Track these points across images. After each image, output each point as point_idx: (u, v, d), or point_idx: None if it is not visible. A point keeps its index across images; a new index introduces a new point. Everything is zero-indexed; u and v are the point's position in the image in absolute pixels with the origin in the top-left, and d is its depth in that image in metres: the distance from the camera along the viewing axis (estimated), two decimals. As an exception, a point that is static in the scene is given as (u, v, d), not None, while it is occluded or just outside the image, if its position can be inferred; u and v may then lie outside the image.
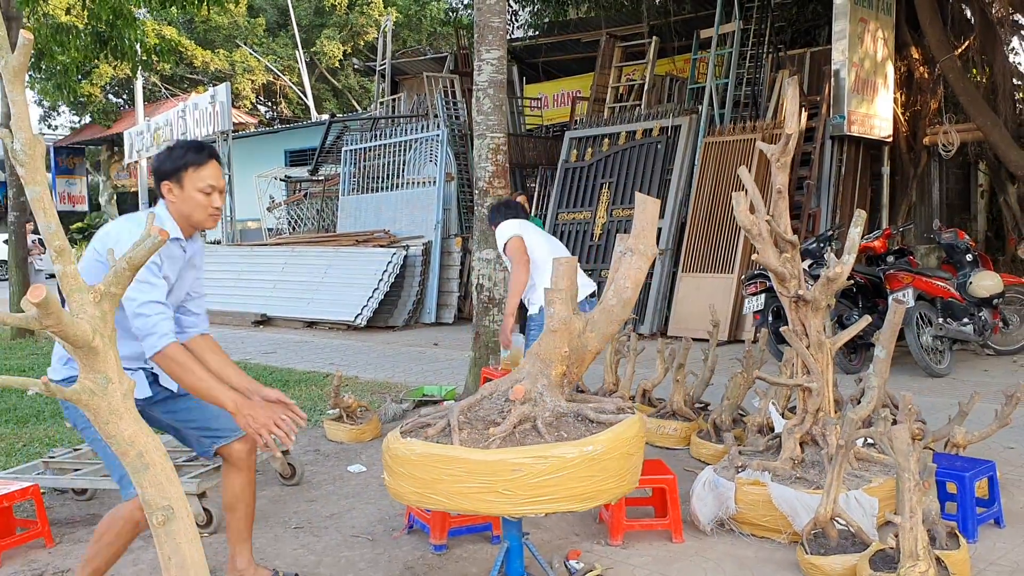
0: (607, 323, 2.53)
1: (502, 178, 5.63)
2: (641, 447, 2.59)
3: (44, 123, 29.54)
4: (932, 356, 6.86)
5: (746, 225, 3.68)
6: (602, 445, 2.42)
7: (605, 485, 2.44)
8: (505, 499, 2.37)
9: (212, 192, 2.75)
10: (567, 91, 14.79)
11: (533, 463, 2.36)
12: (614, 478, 2.46)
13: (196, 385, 2.54)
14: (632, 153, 10.49)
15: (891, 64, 10.28)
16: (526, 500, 2.38)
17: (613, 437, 2.45)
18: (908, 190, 11.02)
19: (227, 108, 16.39)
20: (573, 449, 2.40)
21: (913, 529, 2.60)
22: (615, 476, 2.46)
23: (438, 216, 11.85)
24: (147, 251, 2.16)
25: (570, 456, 2.38)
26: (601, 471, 2.42)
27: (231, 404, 2.54)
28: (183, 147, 2.77)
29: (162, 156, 2.78)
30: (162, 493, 2.20)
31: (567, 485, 2.38)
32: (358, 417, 5.30)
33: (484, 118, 5.57)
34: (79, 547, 3.59)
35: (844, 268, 3.66)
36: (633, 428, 2.52)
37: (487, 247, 5.68)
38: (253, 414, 2.54)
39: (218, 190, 2.77)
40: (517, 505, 2.39)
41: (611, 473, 2.44)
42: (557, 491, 2.38)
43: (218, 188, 2.77)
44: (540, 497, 2.38)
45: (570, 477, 2.38)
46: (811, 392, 3.77)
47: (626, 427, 2.50)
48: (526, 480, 2.35)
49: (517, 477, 2.35)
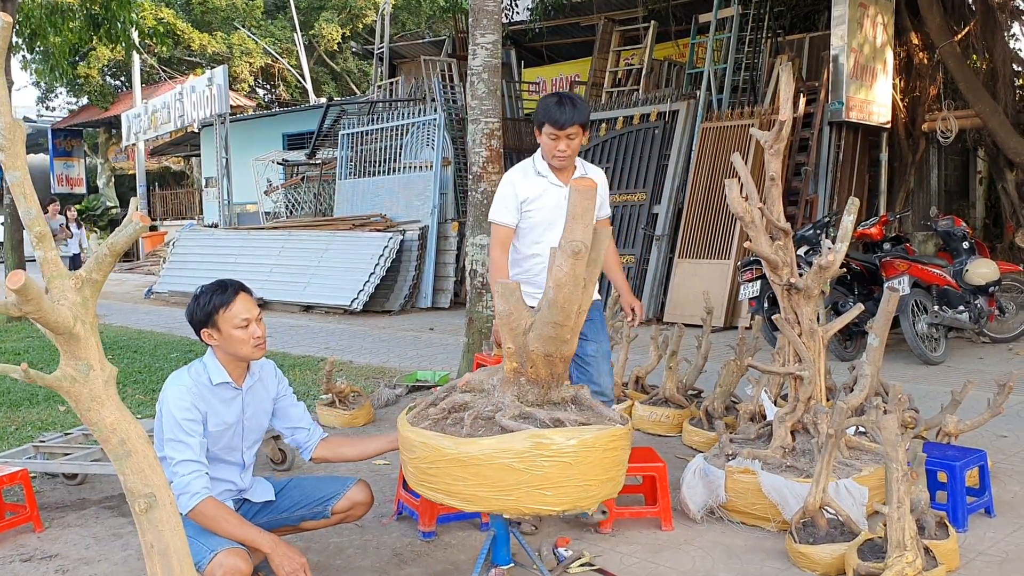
0: (543, 326, 2.46)
1: (496, 163, 5.60)
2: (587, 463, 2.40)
3: (42, 104, 29.38)
4: (927, 344, 6.85)
5: (739, 212, 3.66)
6: (490, 448, 2.36)
7: (480, 492, 2.39)
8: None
9: (248, 324, 2.76)
10: (566, 75, 14.70)
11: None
12: (488, 486, 2.37)
13: (232, 533, 2.62)
14: (630, 138, 10.44)
15: (890, 50, 10.21)
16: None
17: (507, 446, 2.35)
18: (906, 177, 10.97)
19: (224, 91, 16.31)
20: (451, 444, 2.40)
21: (901, 519, 2.60)
22: (489, 484, 2.37)
23: (435, 201, 11.81)
24: (128, 236, 2.14)
25: (447, 449, 2.40)
26: (475, 475, 2.37)
27: (268, 546, 2.62)
28: (208, 292, 2.78)
29: (192, 307, 2.80)
30: (144, 480, 2.19)
31: (443, 480, 2.44)
32: (351, 402, 5.29)
33: (479, 103, 5.53)
34: (68, 532, 3.59)
35: (836, 256, 3.64)
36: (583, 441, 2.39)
37: (481, 232, 5.65)
38: (287, 558, 2.60)
39: (254, 320, 2.78)
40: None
41: (486, 480, 2.36)
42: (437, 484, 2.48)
43: (253, 318, 2.77)
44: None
45: (445, 473, 2.43)
46: (802, 380, 3.76)
47: (562, 438, 2.36)
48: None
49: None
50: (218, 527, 2.62)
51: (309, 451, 3.03)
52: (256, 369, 2.93)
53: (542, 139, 3.48)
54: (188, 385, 2.75)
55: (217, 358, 2.82)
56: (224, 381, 2.81)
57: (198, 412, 2.73)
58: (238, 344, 2.76)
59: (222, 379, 2.81)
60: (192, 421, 2.71)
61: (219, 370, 2.81)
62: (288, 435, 3.05)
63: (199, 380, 2.78)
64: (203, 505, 2.63)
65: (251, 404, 2.91)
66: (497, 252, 3.58)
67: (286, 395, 3.05)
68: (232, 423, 2.85)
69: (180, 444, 2.68)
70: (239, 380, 2.86)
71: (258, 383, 2.94)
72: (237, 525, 2.65)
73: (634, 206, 10.17)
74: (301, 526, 3.03)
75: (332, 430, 5.16)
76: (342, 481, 3.03)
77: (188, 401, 2.71)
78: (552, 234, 3.27)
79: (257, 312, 2.81)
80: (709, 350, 5.10)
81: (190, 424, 2.70)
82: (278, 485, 3.07)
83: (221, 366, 2.82)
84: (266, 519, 2.95)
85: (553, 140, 3.42)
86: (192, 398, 2.73)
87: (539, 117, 3.45)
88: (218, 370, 2.81)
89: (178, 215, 25.17)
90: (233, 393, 2.85)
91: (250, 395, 2.91)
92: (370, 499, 3.00)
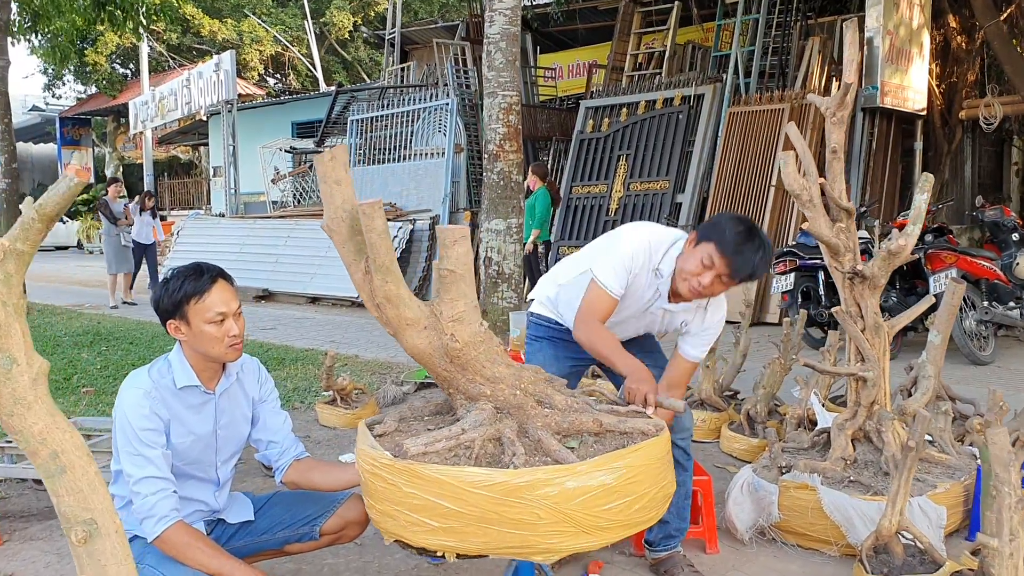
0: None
1: (514, 141, 5.14)
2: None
3: (48, 92, 29.02)
4: (975, 342, 6.36)
5: (795, 189, 3.19)
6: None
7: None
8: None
9: (225, 319, 2.30)
10: (583, 61, 14.22)
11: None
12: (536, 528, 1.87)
13: (206, 565, 2.20)
14: (652, 123, 9.96)
15: (927, 32, 9.69)
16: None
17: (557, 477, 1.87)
18: (940, 167, 10.45)
19: (232, 77, 15.88)
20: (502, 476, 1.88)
21: (1014, 555, 2.13)
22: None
23: (446, 189, 11.35)
24: (60, 197, 1.70)
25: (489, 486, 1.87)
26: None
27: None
28: (180, 276, 2.31)
29: (159, 293, 2.34)
30: (83, 503, 1.75)
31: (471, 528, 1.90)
32: (353, 400, 4.85)
33: (495, 74, 5.06)
34: (29, 547, 3.17)
35: (908, 240, 3.17)
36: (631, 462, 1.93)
37: (496, 217, 5.20)
38: None
39: (232, 314, 2.31)
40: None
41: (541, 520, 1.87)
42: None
43: (231, 312, 2.31)
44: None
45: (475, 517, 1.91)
46: (866, 383, 3.30)
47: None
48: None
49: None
50: (188, 557, 2.18)
51: (281, 471, 2.54)
52: (233, 370, 2.46)
53: (692, 256, 2.53)
54: (147, 388, 2.30)
55: (185, 356, 2.37)
56: (191, 384, 2.36)
57: (159, 420, 2.28)
58: (209, 342, 2.30)
59: (189, 381, 2.35)
60: (152, 431, 2.25)
61: (186, 370, 2.36)
62: (260, 448, 2.58)
63: (161, 382, 2.33)
64: (172, 532, 2.19)
65: (226, 411, 2.46)
66: (597, 324, 2.66)
67: (268, 400, 2.57)
68: (202, 434, 2.40)
69: (139, 458, 2.23)
70: (210, 383, 2.41)
71: (235, 386, 2.48)
72: (211, 555, 2.20)
73: (656, 195, 9.69)
74: (285, 549, 2.57)
75: (332, 431, 4.72)
76: (332, 497, 2.56)
77: (147, 407, 2.26)
78: (620, 330, 2.78)
79: (236, 306, 2.35)
80: (748, 347, 4.64)
81: (149, 435, 2.25)
82: (258, 501, 2.62)
83: (189, 366, 2.36)
84: (244, 542, 2.50)
85: (707, 271, 2.50)
86: (152, 403, 2.28)
87: (713, 236, 2.50)
88: (185, 370, 2.35)
89: (187, 205, 24.84)
90: (203, 398, 2.40)
91: (225, 400, 2.45)
92: (365, 517, 2.50)
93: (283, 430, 2.58)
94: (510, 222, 5.25)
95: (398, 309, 2.01)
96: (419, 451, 1.89)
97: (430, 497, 1.84)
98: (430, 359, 2.05)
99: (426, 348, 2.04)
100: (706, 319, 2.72)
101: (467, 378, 2.04)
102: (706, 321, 2.72)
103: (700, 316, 2.71)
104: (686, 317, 2.71)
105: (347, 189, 2.07)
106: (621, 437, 2.00)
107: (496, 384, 2.03)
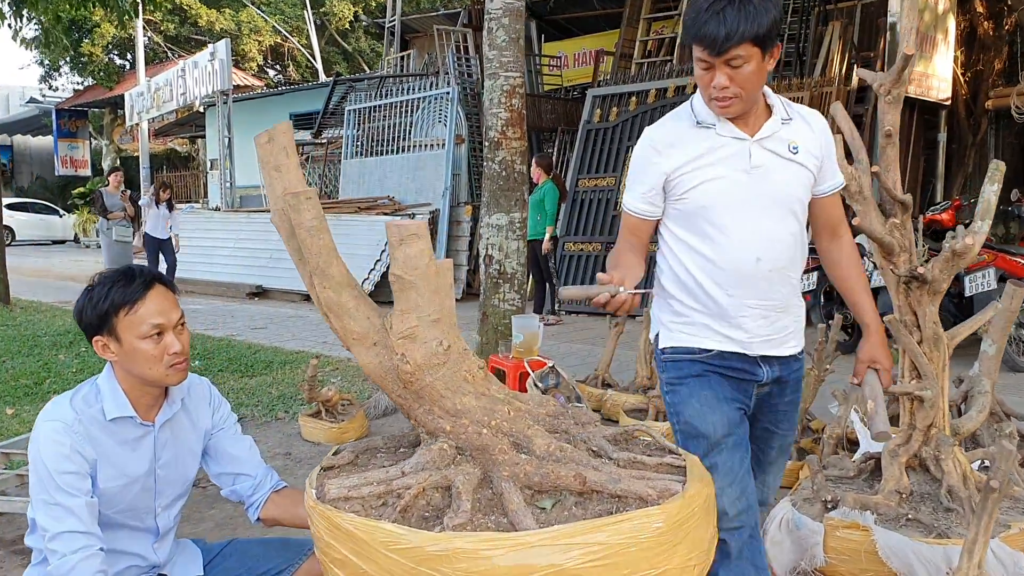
0: None
1: (518, 127, 4.69)
2: None
3: (45, 83, 28.59)
4: (1015, 347, 5.91)
5: (843, 179, 2.73)
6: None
7: None
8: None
9: (163, 333, 1.89)
10: (589, 49, 13.74)
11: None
12: None
13: None
14: (662, 113, 9.46)
15: (953, 18, 9.21)
16: None
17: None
18: (965, 159, 9.98)
19: (227, 66, 15.46)
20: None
21: None
22: None
23: (447, 182, 10.91)
24: None
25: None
26: None
27: None
28: (106, 283, 1.89)
29: (81, 303, 1.92)
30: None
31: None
32: (340, 412, 4.42)
33: (498, 53, 4.61)
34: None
35: (976, 239, 2.71)
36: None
37: (498, 211, 4.76)
38: None
39: (172, 327, 1.91)
40: None
41: None
42: None
43: (171, 325, 1.90)
44: None
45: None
46: (923, 403, 2.85)
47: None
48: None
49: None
50: None
51: (256, 508, 2.11)
52: (178, 395, 2.03)
53: (695, 69, 1.99)
54: (68, 421, 1.86)
55: (117, 380, 1.93)
56: (124, 415, 1.92)
57: (83, 461, 1.85)
58: (144, 362, 1.87)
59: (121, 412, 1.92)
60: (73, 475, 1.82)
61: (118, 398, 1.92)
62: (226, 485, 2.14)
63: (87, 413, 1.89)
64: None
65: (169, 446, 2.02)
66: (620, 243, 2.11)
67: (225, 427, 2.14)
68: (138, 476, 1.96)
69: (57, 509, 1.80)
70: (148, 412, 1.97)
71: (180, 415, 2.04)
72: None
73: (666, 188, 9.24)
74: None
75: (316, 446, 4.29)
76: (299, 546, 2.13)
77: (67, 445, 1.83)
78: (740, 219, 1.97)
79: (178, 316, 1.92)
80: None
81: (70, 479, 1.82)
82: (210, 551, 2.18)
83: (121, 392, 1.92)
84: None
85: (706, 70, 1.92)
86: (74, 440, 1.84)
87: (687, 31, 1.98)
88: (116, 398, 1.92)
89: (183, 199, 24.38)
90: (139, 432, 1.96)
91: (167, 433, 2.01)
92: None
93: (252, 459, 2.15)
94: (513, 216, 4.81)
95: (341, 320, 1.62)
96: (340, 495, 1.54)
97: (346, 552, 1.48)
98: (383, 381, 1.66)
99: (377, 368, 1.64)
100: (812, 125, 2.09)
101: (424, 409, 1.62)
102: (812, 126, 2.09)
103: (796, 130, 2.05)
104: (788, 137, 2.01)
105: (289, 176, 1.65)
106: (611, 501, 1.52)
107: (458, 419, 1.60)
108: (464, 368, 1.64)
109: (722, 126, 1.99)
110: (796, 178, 2.02)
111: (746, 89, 1.90)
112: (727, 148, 1.99)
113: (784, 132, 2.02)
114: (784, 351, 2.11)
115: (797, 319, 2.14)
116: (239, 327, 8.76)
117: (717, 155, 1.99)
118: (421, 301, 1.56)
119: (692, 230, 2.02)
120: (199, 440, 2.09)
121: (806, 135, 2.05)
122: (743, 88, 1.90)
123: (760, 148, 1.99)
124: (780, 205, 2.00)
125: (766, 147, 2.00)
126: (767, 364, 2.08)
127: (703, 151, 1.99)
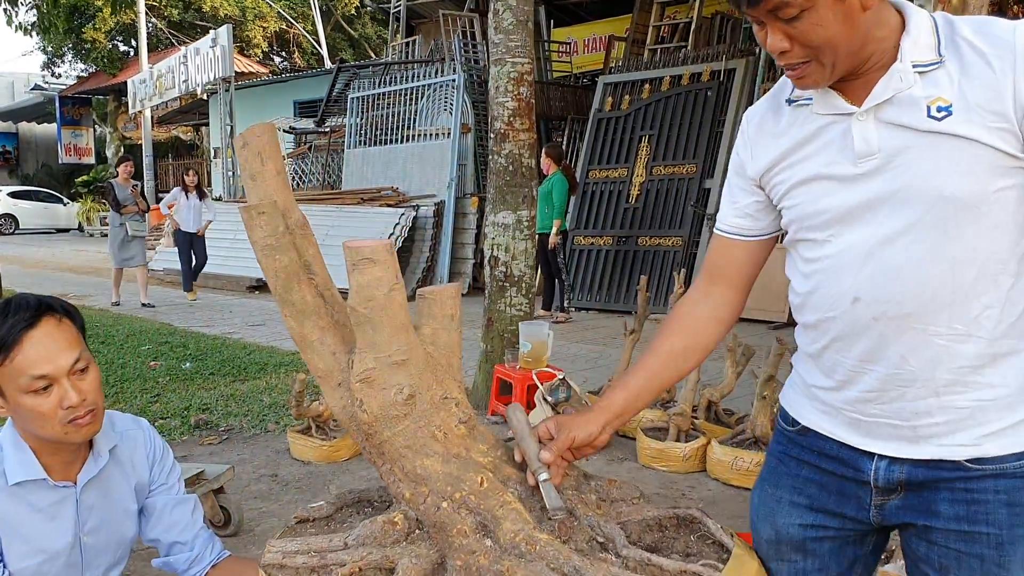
0: None
1: (525, 118, 4.32)
2: None
3: (48, 70, 28.29)
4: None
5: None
6: None
7: None
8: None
9: (51, 385, 1.50)
10: (599, 35, 13.33)
11: None
12: None
13: None
14: (677, 101, 9.10)
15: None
16: None
17: None
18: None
19: (229, 52, 15.14)
20: None
21: None
22: None
23: (452, 172, 10.54)
24: None
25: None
26: None
27: None
28: None
29: None
30: None
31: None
32: (332, 428, 4.07)
33: (504, 38, 4.23)
34: None
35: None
36: None
37: (504, 208, 4.40)
38: None
39: (66, 375, 1.51)
40: None
41: None
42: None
43: (63, 372, 1.50)
44: None
45: None
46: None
47: None
48: None
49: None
50: None
51: None
52: (105, 444, 1.67)
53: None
54: None
55: (20, 436, 1.58)
56: (33, 478, 1.57)
57: None
58: (34, 420, 1.51)
59: (28, 475, 1.56)
60: None
61: (24, 457, 1.56)
62: (161, 551, 1.79)
63: None
64: None
65: (97, 508, 1.67)
66: (689, 291, 1.47)
67: (167, 483, 1.79)
68: (59, 550, 1.61)
69: None
70: (67, 471, 1.62)
71: (111, 468, 1.69)
72: None
73: (682, 180, 8.85)
74: None
75: (306, 466, 3.94)
76: None
77: None
78: (838, 240, 1.24)
79: (73, 357, 1.51)
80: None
81: None
82: None
83: (28, 449, 1.57)
84: None
85: (760, 29, 1.20)
86: None
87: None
88: (22, 457, 1.56)
89: (188, 188, 24.09)
90: (55, 496, 1.61)
91: (93, 493, 1.66)
92: None
93: (192, 526, 1.80)
94: (520, 215, 4.45)
95: (306, 354, 1.33)
96: (275, 560, 1.32)
97: None
98: (350, 427, 1.35)
99: (341, 413, 1.34)
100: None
101: (386, 468, 1.31)
102: (992, 58, 1.14)
103: (950, 76, 1.16)
104: (928, 93, 1.16)
105: (266, 186, 1.34)
106: None
107: (418, 485, 1.28)
108: (436, 423, 1.31)
109: (821, 99, 1.25)
110: (952, 161, 1.14)
111: (822, 48, 1.15)
112: (828, 132, 1.25)
113: (921, 87, 1.17)
114: (921, 451, 1.23)
115: (962, 400, 1.21)
116: (237, 323, 8.44)
117: (815, 144, 1.27)
118: (378, 339, 1.24)
119: (791, 256, 1.35)
120: (135, 498, 1.74)
121: (976, 79, 1.14)
122: (814, 48, 1.16)
123: (873, 123, 1.20)
124: (916, 212, 1.17)
125: (883, 119, 1.19)
126: (886, 458, 1.27)
127: (798, 141, 1.29)
